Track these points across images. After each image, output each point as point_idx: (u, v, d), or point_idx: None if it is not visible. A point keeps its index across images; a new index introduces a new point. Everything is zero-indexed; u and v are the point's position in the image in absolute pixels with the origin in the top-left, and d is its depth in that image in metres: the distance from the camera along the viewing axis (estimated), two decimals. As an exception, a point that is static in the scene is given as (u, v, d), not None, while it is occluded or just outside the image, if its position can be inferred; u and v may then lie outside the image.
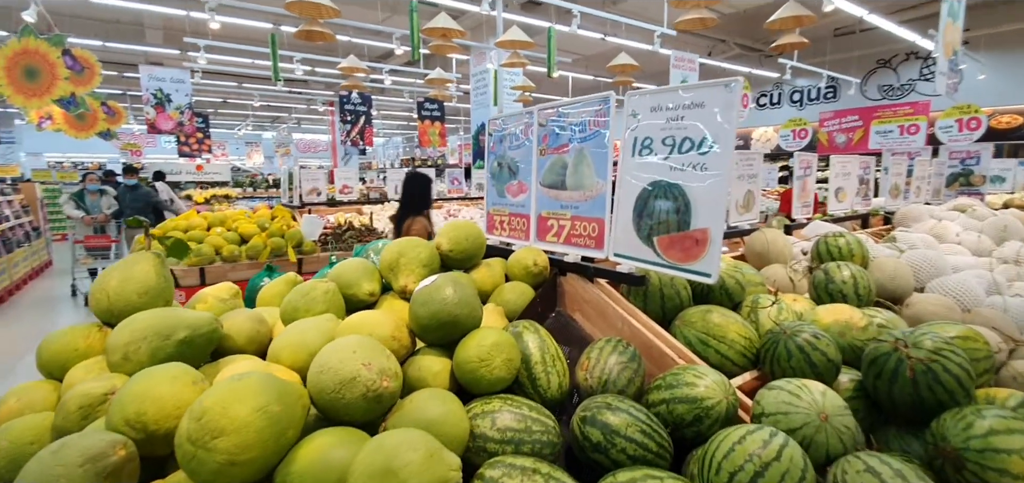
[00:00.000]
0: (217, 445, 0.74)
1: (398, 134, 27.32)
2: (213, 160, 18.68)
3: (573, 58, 12.00)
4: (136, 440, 0.85)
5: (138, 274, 1.24)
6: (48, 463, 0.74)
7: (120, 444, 0.79)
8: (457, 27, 5.26)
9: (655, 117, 1.38)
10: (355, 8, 9.14)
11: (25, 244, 8.13)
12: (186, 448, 0.75)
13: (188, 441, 0.75)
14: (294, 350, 1.07)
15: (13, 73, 5.12)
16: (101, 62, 12.22)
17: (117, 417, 0.85)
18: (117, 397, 0.87)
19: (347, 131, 11.70)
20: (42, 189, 10.61)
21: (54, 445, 0.77)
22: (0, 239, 7.19)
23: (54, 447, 0.76)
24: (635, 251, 1.41)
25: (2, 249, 7.09)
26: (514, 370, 1.09)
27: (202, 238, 3.94)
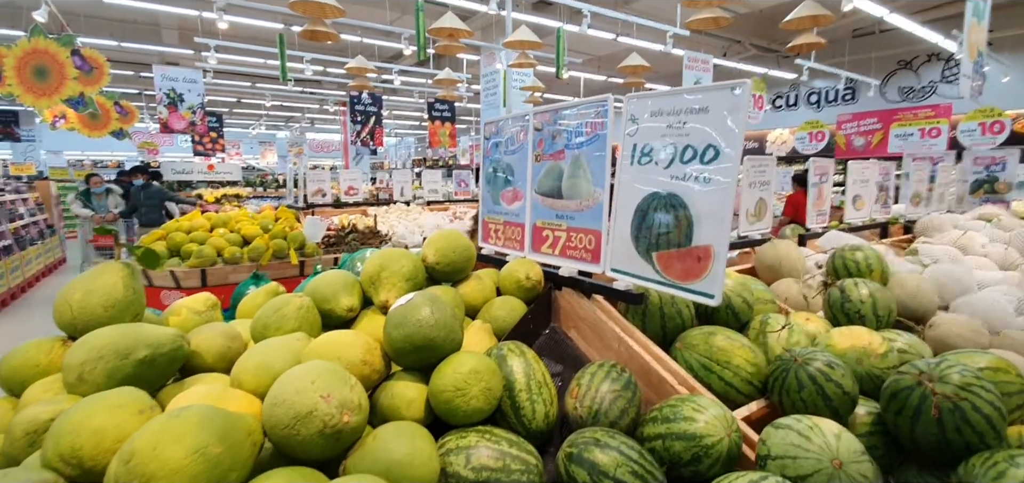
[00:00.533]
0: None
1: (410, 134, 27.37)
2: (227, 159, 18.85)
3: (584, 59, 11.87)
4: (72, 478, 0.78)
5: (103, 286, 1.17)
6: (-41, 509, 0.67)
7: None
8: (464, 27, 5.19)
9: (656, 122, 1.28)
10: (365, 8, 9.12)
11: (39, 241, 8.23)
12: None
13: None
14: (257, 374, 0.99)
15: (23, 73, 5.16)
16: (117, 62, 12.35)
17: (51, 451, 0.77)
18: (53, 428, 0.79)
19: (357, 131, 11.69)
20: (57, 187, 10.76)
21: (-29, 487, 0.70)
22: (14, 236, 7.28)
23: (-30, 490, 0.69)
24: (633, 267, 1.31)
25: (16, 246, 7.17)
26: (494, 400, 1.00)
27: (205, 239, 3.91)
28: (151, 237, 4.02)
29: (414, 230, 4.78)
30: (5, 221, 7.22)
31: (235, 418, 0.79)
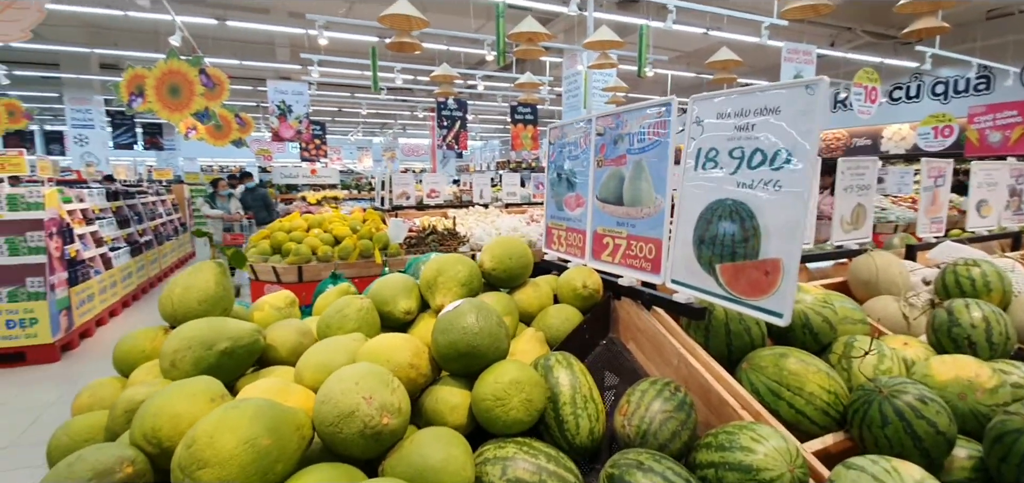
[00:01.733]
0: (201, 477, 0.73)
1: (495, 137, 27.98)
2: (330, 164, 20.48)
3: (671, 55, 11.40)
4: (153, 454, 0.88)
5: (199, 283, 1.30)
6: (61, 474, 0.78)
7: (128, 461, 0.81)
8: (543, 31, 5.20)
9: (722, 124, 1.19)
10: (451, 17, 9.45)
11: (173, 237, 9.46)
12: (177, 474, 0.75)
13: (178, 468, 0.75)
14: (316, 370, 1.06)
15: (161, 91, 5.95)
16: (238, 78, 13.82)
17: (137, 430, 0.88)
18: (139, 410, 0.90)
19: (444, 136, 12.16)
20: (189, 190, 12.27)
21: (73, 456, 0.81)
22: (154, 233, 8.42)
23: (72, 459, 0.80)
24: (695, 279, 1.23)
25: (155, 241, 8.29)
26: (535, 411, 0.98)
27: (302, 239, 4.27)
28: (259, 236, 4.46)
29: (491, 232, 4.86)
30: (147, 219, 8.37)
31: (286, 412, 0.85)
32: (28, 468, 3.22)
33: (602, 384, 1.33)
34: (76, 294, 5.31)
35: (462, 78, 9.62)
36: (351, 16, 9.26)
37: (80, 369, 4.77)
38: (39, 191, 4.93)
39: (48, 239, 4.86)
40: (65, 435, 1.06)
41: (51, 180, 7.04)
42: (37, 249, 4.80)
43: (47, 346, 4.84)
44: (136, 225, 7.78)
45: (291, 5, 9.32)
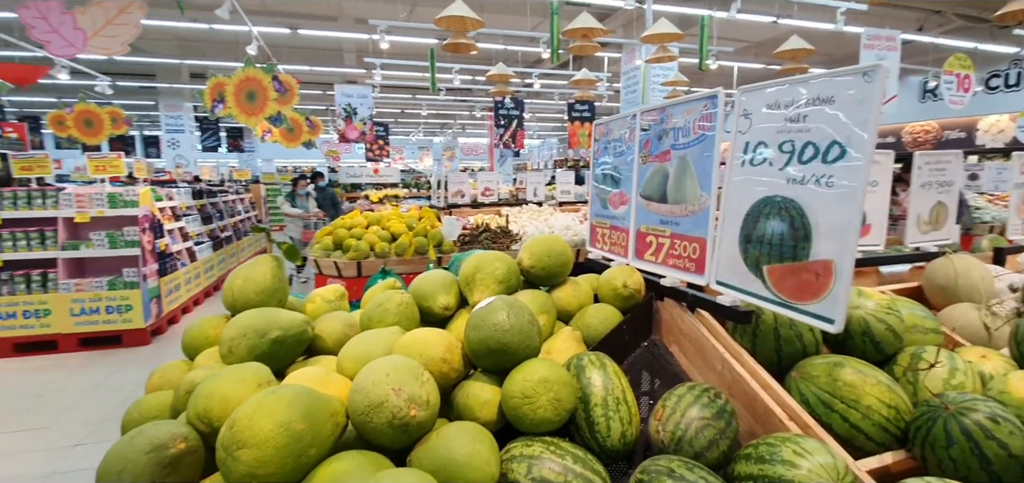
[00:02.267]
0: (240, 456, 0.78)
1: (553, 136, 27.87)
2: (392, 164, 21.22)
3: (737, 46, 10.86)
4: (204, 433, 0.95)
5: (257, 275, 1.39)
6: (125, 446, 0.86)
7: (181, 437, 0.88)
8: (599, 26, 5.11)
9: (771, 116, 1.12)
10: (508, 16, 9.51)
11: (250, 233, 10.16)
12: (220, 453, 0.81)
13: (222, 446, 0.81)
14: (355, 361, 1.10)
15: (239, 97, 6.40)
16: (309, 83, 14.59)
17: (191, 410, 0.95)
18: (195, 392, 0.98)
19: (500, 135, 12.27)
20: (265, 189, 13.12)
21: (135, 430, 0.89)
22: (233, 228, 9.09)
23: (133, 432, 0.88)
24: (740, 280, 1.17)
25: (234, 236, 8.94)
26: (563, 411, 0.97)
27: (361, 235, 4.46)
28: (322, 232, 4.70)
29: (544, 230, 4.85)
30: (227, 216, 9.04)
31: (321, 400, 0.89)
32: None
33: (641, 387, 1.30)
34: (165, 284, 5.83)
35: (518, 77, 9.67)
36: (413, 19, 9.54)
37: (167, 352, 5.24)
38: (134, 190, 5.46)
39: (142, 234, 5.37)
40: (136, 411, 1.17)
41: (146, 180, 7.78)
42: (132, 242, 5.31)
43: (139, 330, 5.35)
44: (218, 221, 8.43)
45: (357, 12, 9.74)
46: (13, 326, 5.03)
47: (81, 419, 3.84)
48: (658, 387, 1.31)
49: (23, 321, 5.04)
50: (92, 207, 5.25)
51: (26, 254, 5.07)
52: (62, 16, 4.84)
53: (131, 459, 0.83)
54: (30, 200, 5.14)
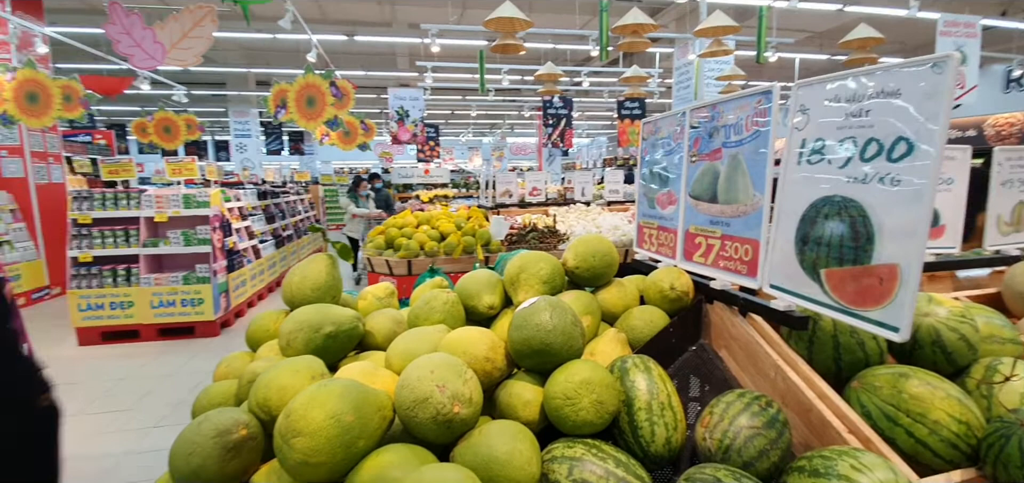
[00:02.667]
0: (295, 444, 0.82)
1: (602, 134, 27.51)
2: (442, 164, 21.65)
3: (799, 36, 10.32)
4: (264, 420, 1.01)
5: (313, 273, 1.46)
6: (193, 430, 0.93)
7: (243, 424, 0.95)
8: (649, 22, 5.00)
9: (831, 111, 1.06)
10: (557, 15, 9.47)
11: (309, 232, 10.65)
12: (277, 440, 0.86)
13: (278, 434, 0.86)
14: (401, 357, 1.14)
15: (300, 102, 6.73)
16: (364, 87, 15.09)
17: (252, 399, 1.02)
18: (255, 382, 1.04)
19: (549, 134, 12.25)
20: (323, 190, 13.70)
21: (202, 416, 0.96)
22: (294, 228, 9.56)
23: (201, 418, 0.95)
24: (795, 284, 1.12)
25: (295, 235, 9.41)
26: (606, 414, 0.96)
27: (411, 235, 4.58)
28: (375, 231, 4.86)
29: (591, 229, 4.81)
30: (289, 216, 9.52)
31: (370, 393, 0.93)
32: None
33: (689, 392, 1.27)
34: (233, 279, 6.22)
35: (567, 76, 9.61)
36: (463, 22, 9.70)
37: (234, 343, 5.58)
38: (206, 192, 5.85)
39: (212, 232, 5.75)
40: (205, 398, 1.25)
41: (216, 182, 8.31)
42: (204, 240, 5.70)
43: (210, 322, 5.73)
44: (280, 221, 8.90)
45: (409, 17, 10.01)
46: (102, 316, 5.52)
47: (159, 403, 4.17)
48: (707, 393, 1.27)
49: (110, 312, 5.52)
50: (169, 208, 5.67)
51: (113, 250, 5.55)
52: (144, 31, 5.27)
53: (199, 443, 0.90)
54: (116, 201, 5.63)
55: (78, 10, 8.71)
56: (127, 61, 5.18)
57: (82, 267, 5.48)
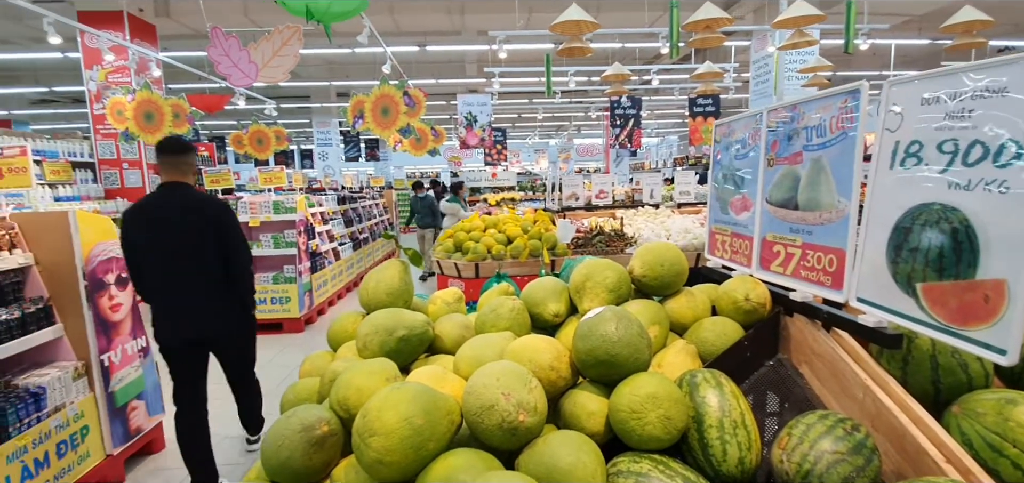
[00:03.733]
0: (371, 443, 0.88)
1: (673, 133, 26.61)
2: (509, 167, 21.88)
3: (895, 21, 9.40)
4: (343, 418, 1.08)
5: (387, 278, 1.54)
6: (282, 424, 1.01)
7: (325, 421, 1.02)
8: (724, 15, 4.79)
9: (927, 112, 0.97)
10: (625, 13, 9.29)
11: (382, 235, 11.17)
12: (355, 438, 0.92)
13: (356, 432, 0.92)
14: (469, 363, 1.18)
15: (376, 112, 7.08)
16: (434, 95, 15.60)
17: (332, 397, 1.09)
18: (335, 381, 1.12)
19: (617, 135, 12.04)
20: (396, 194, 14.31)
21: (290, 412, 1.05)
22: (370, 231, 10.06)
23: (289, 413, 1.04)
24: (888, 299, 1.03)
25: (370, 238, 9.90)
26: (674, 430, 0.94)
27: (479, 238, 4.68)
28: (444, 235, 5.01)
29: (660, 233, 4.67)
30: (365, 219, 10.03)
31: (439, 398, 0.97)
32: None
33: (764, 410, 1.21)
34: (316, 280, 6.65)
35: (636, 75, 9.40)
36: (529, 27, 9.76)
37: (317, 339, 5.97)
38: (293, 198, 6.31)
39: (298, 236, 6.19)
40: (292, 393, 1.36)
41: (301, 189, 8.94)
42: (291, 243, 6.15)
43: (296, 319, 6.17)
44: (357, 224, 9.40)
45: (478, 24, 10.22)
46: (204, 312, 6.11)
47: (252, 393, 4.54)
48: (785, 411, 1.21)
49: (211, 308, 6.10)
50: (261, 213, 6.17)
51: (214, 252, 6.12)
52: (240, 52, 5.77)
53: (287, 436, 0.98)
54: (217, 208, 6.21)
55: (185, 36, 9.70)
56: (226, 80, 5.70)
57: (188, 267, 6.10)
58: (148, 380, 3.33)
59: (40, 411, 2.59)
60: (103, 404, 2.95)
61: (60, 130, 19.47)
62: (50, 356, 2.87)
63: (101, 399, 2.94)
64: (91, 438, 2.88)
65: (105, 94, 7.36)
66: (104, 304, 2.99)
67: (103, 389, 2.95)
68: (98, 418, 2.93)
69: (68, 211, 2.81)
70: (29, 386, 2.60)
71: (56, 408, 2.69)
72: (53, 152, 6.98)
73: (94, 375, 2.91)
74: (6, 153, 2.93)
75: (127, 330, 3.18)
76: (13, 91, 14.21)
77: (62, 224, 2.80)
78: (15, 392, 2.56)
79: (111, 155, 7.96)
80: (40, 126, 19.65)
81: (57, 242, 2.80)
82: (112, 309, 3.05)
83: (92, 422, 2.89)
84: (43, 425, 2.58)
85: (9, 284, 2.70)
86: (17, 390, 2.58)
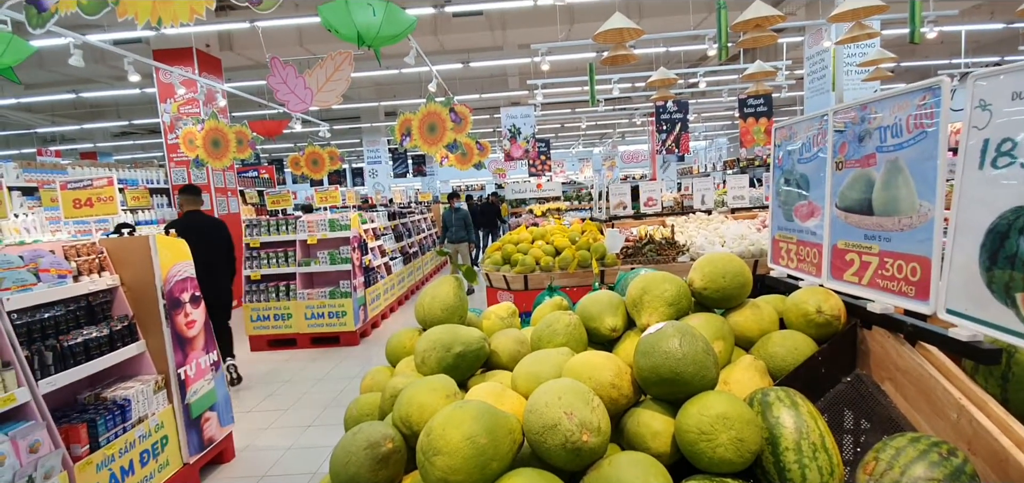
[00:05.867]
0: (435, 462, 0.89)
1: (722, 135, 25.79)
2: (554, 177, 21.88)
3: (965, 6, 8.75)
4: (406, 435, 1.10)
5: (442, 294, 1.56)
6: (348, 441, 1.04)
7: (389, 438, 1.04)
8: (775, 12, 4.61)
9: (1020, 106, 0.89)
10: (669, 18, 9.13)
11: (431, 248, 11.39)
12: (419, 456, 0.93)
13: (420, 450, 0.93)
14: (527, 380, 1.17)
15: (422, 130, 7.26)
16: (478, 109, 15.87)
17: (395, 414, 1.11)
18: (398, 398, 1.14)
19: (663, 140, 11.79)
20: (443, 208, 14.57)
21: (355, 428, 1.07)
22: (419, 245, 10.29)
23: (355, 430, 1.06)
24: (982, 310, 0.95)
25: (420, 251, 10.12)
26: (747, 453, 0.89)
27: (527, 250, 4.69)
28: (492, 248, 5.05)
29: (714, 240, 4.51)
30: (414, 234, 10.27)
31: (501, 417, 0.96)
32: (340, 423, 4.30)
33: (842, 430, 1.13)
34: (369, 294, 6.86)
35: (682, 78, 9.19)
36: (571, 37, 9.77)
37: (372, 352, 6.15)
38: (347, 216, 6.55)
39: (353, 252, 6.41)
40: (355, 408, 1.40)
41: (354, 206, 9.27)
42: (346, 259, 6.38)
43: (351, 332, 6.37)
44: (407, 239, 9.64)
45: (520, 38, 10.33)
46: (267, 326, 6.42)
47: (312, 404, 4.72)
48: (867, 431, 1.13)
49: (274, 322, 6.41)
50: (318, 231, 6.45)
51: (276, 269, 6.44)
52: (297, 79, 6.08)
53: (353, 453, 1.01)
54: (278, 227, 6.53)
55: (247, 67, 10.34)
56: (284, 106, 6.02)
57: (253, 284, 6.44)
58: (219, 392, 3.52)
59: (125, 422, 2.79)
60: (180, 415, 3.14)
61: (139, 159, 21.16)
62: (134, 370, 3.09)
63: (178, 410, 3.14)
64: (170, 447, 3.07)
65: (178, 125, 7.93)
66: (180, 321, 3.20)
67: (180, 401, 3.15)
68: (176, 428, 3.13)
69: (148, 236, 3.04)
70: (116, 398, 2.81)
71: (140, 419, 2.89)
72: (133, 180, 7.58)
73: (172, 388, 3.11)
74: (95, 184, 3.20)
75: (201, 345, 3.38)
76: (98, 125, 15.58)
77: (143, 248, 3.03)
78: (104, 404, 2.77)
79: (184, 181, 8.54)
80: (121, 157, 21.43)
81: (139, 264, 3.03)
82: (187, 325, 3.26)
83: (171, 432, 3.08)
84: (128, 435, 2.77)
85: (99, 304, 2.94)
86: (106, 402, 2.79)
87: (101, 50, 6.25)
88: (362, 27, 3.81)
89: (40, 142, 16.84)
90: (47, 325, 2.64)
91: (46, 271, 2.70)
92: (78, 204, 3.31)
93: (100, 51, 7.09)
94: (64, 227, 4.99)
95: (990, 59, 11.93)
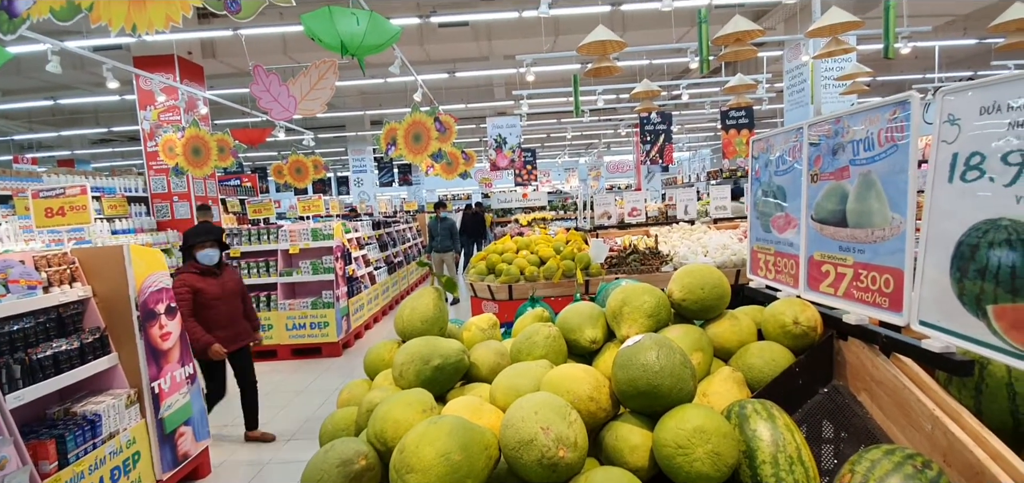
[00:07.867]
0: (408, 479, 0.87)
1: (705, 146, 26.14)
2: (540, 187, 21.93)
3: (939, 22, 9.02)
4: (380, 451, 1.07)
5: (421, 306, 1.54)
6: (320, 459, 1.01)
7: (363, 455, 1.01)
8: (754, 27, 4.70)
9: (989, 121, 0.91)
10: (652, 31, 9.25)
11: (416, 258, 11.31)
12: (393, 474, 0.91)
13: (394, 468, 0.91)
14: (505, 393, 1.15)
15: (408, 139, 7.23)
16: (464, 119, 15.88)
17: (370, 430, 1.09)
18: (372, 414, 1.12)
19: (647, 151, 11.90)
20: (429, 217, 14.50)
21: (328, 445, 1.05)
22: (404, 254, 10.21)
23: (328, 446, 1.04)
24: (953, 321, 0.96)
25: (404, 261, 10.04)
26: (724, 467, 0.89)
27: (511, 260, 4.67)
28: (477, 257, 5.03)
29: (697, 250, 4.55)
30: (399, 243, 10.19)
31: (476, 432, 0.95)
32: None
33: (819, 440, 1.14)
34: (353, 304, 6.77)
35: (665, 90, 9.30)
36: (556, 48, 9.84)
37: (355, 363, 6.06)
38: (330, 225, 6.47)
39: (335, 262, 6.33)
40: (330, 423, 1.37)
41: (338, 216, 9.18)
42: (329, 269, 6.29)
43: (334, 343, 6.28)
44: (392, 248, 9.56)
45: (505, 49, 10.38)
46: (247, 338, 6.30)
47: (293, 417, 4.63)
48: (844, 443, 1.13)
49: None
50: (301, 241, 6.36)
51: (256, 279, 6.33)
52: (280, 87, 6.02)
53: (325, 470, 0.98)
54: (259, 236, 6.43)
55: (230, 74, 10.23)
56: (267, 114, 5.95)
57: (232, 295, 6.31)
58: (195, 406, 3.44)
59: (96, 437, 2.70)
60: (153, 430, 3.05)
61: (118, 167, 20.75)
62: (105, 384, 3.00)
63: (152, 425, 3.05)
64: (142, 464, 2.98)
65: (158, 132, 7.80)
66: (155, 333, 3.12)
67: (153, 415, 3.06)
68: (149, 444, 3.04)
69: (122, 245, 2.96)
70: (86, 413, 2.72)
71: (111, 434, 2.80)
72: (111, 188, 7.41)
73: (145, 402, 3.03)
74: (68, 192, 3.12)
75: (176, 358, 3.30)
76: (76, 132, 15.25)
77: (117, 257, 2.95)
78: (74, 419, 2.68)
79: (163, 189, 8.39)
80: (100, 164, 20.98)
81: (112, 274, 2.95)
82: (162, 338, 3.18)
83: (143, 448, 2.99)
84: (98, 451, 2.68)
85: (69, 316, 2.85)
86: (76, 417, 2.70)
87: (79, 56, 6.13)
88: (345, 36, 3.79)
89: (16, 149, 16.43)
90: (16, 337, 2.55)
91: (16, 282, 2.61)
92: (50, 213, 3.22)
93: (79, 57, 6.95)
94: (37, 236, 4.85)
95: (963, 73, 12.31)
